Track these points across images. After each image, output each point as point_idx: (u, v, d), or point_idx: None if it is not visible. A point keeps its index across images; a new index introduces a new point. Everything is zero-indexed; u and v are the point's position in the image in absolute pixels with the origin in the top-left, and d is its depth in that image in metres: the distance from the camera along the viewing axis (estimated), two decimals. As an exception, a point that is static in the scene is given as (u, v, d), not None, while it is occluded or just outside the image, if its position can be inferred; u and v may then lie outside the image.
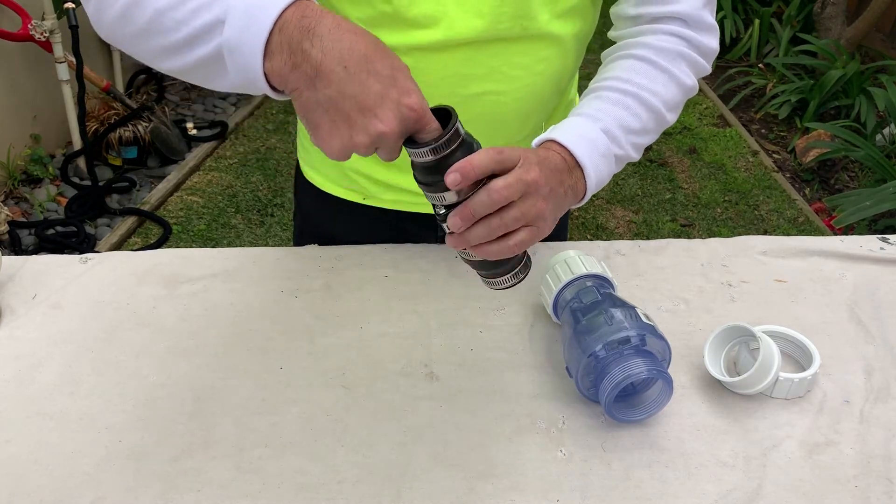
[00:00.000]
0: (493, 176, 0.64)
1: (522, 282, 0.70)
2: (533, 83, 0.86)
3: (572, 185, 0.74)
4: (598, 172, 0.76)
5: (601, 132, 0.77)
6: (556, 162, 0.72)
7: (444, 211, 0.65)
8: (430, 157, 0.61)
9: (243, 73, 0.59)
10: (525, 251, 0.69)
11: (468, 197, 0.63)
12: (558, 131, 0.77)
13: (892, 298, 0.92)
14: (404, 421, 0.75)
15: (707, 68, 0.85)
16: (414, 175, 0.64)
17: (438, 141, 0.60)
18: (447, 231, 0.66)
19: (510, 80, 0.84)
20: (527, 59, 0.84)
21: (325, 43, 0.57)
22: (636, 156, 0.82)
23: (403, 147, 0.62)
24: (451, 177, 0.61)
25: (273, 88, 0.60)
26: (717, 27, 0.84)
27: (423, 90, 0.81)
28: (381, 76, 0.58)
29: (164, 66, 0.67)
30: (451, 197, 0.63)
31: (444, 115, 0.62)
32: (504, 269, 0.69)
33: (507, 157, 0.65)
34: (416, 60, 0.80)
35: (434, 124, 0.61)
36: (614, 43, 0.87)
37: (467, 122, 0.84)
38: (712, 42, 0.84)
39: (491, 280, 0.71)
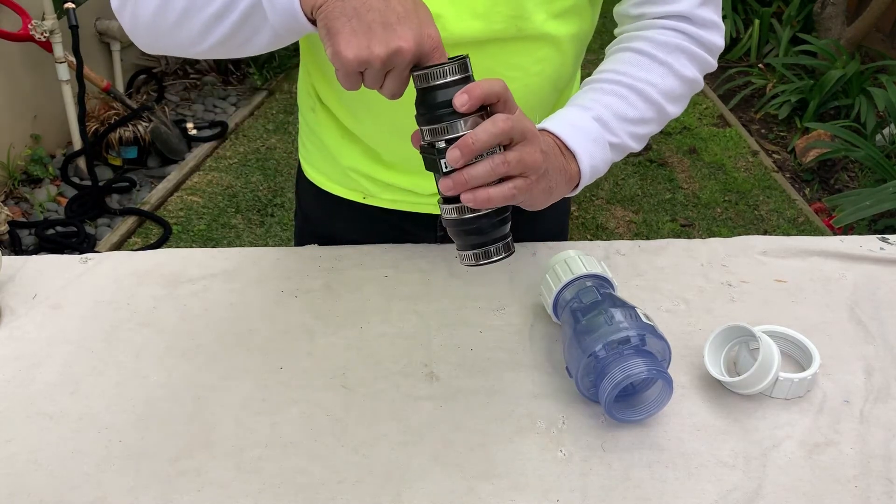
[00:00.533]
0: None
1: (506, 259, 0.68)
2: (530, 84, 0.86)
3: (565, 165, 0.75)
4: (591, 158, 0.77)
5: (592, 120, 0.78)
6: (549, 141, 0.73)
7: (443, 145, 0.64)
8: (439, 81, 0.62)
9: (281, 10, 0.64)
10: (510, 232, 0.68)
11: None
12: (548, 122, 0.78)
13: (892, 298, 0.92)
14: (404, 421, 0.75)
15: (711, 63, 0.85)
16: (418, 112, 0.64)
17: (454, 61, 0.62)
18: (444, 170, 0.64)
19: (507, 80, 0.83)
20: (523, 60, 0.84)
21: None
22: (636, 146, 0.82)
23: (413, 77, 0.63)
24: (460, 97, 0.62)
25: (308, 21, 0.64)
26: (722, 24, 0.85)
27: None
28: (406, 3, 0.61)
29: (207, 42, 0.71)
30: (451, 129, 0.63)
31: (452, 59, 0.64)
32: (491, 238, 0.67)
33: (511, 96, 0.66)
34: None
35: (446, 59, 0.63)
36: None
37: None
38: (716, 38, 0.84)
39: (476, 251, 0.67)
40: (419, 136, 0.66)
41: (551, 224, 1.08)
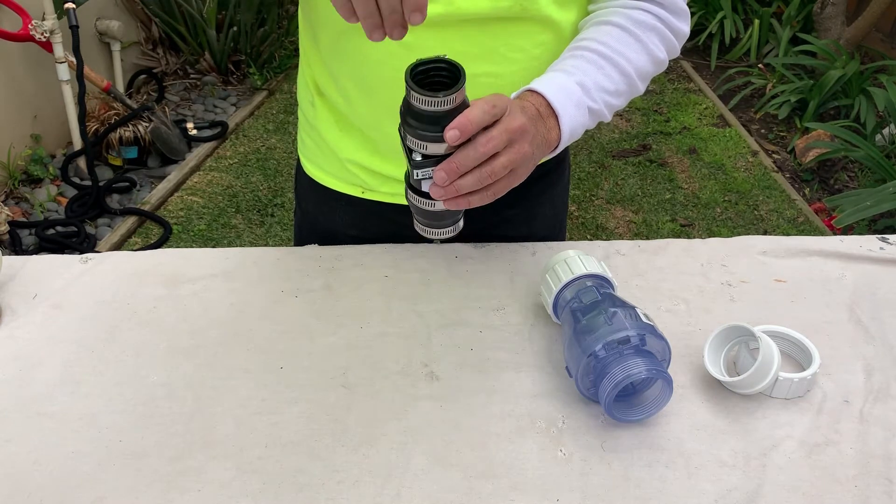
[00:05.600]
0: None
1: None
2: (530, 67, 0.87)
3: (546, 134, 0.77)
4: (571, 120, 0.79)
5: (575, 84, 0.80)
6: (531, 111, 0.75)
7: (420, 158, 0.67)
8: (432, 108, 0.63)
9: None
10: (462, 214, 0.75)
11: (450, 152, 0.66)
12: (535, 82, 0.80)
13: (892, 298, 0.92)
14: (404, 421, 0.75)
15: (677, 49, 0.89)
16: (404, 116, 0.66)
17: (451, 92, 0.63)
18: (417, 176, 0.67)
19: (508, 62, 0.86)
20: (525, 42, 0.85)
21: None
22: (608, 115, 0.85)
23: (407, 86, 0.64)
24: (451, 133, 0.64)
25: None
26: (688, 12, 0.89)
27: None
28: None
29: None
30: (434, 148, 0.66)
31: (450, 69, 0.65)
32: (452, 220, 0.74)
33: (499, 109, 0.67)
34: (416, 36, 0.82)
35: None
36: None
37: None
38: (684, 26, 0.88)
39: (434, 230, 0.75)
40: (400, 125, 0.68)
41: (548, 222, 1.09)
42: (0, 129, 2.87)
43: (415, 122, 0.65)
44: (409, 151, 0.68)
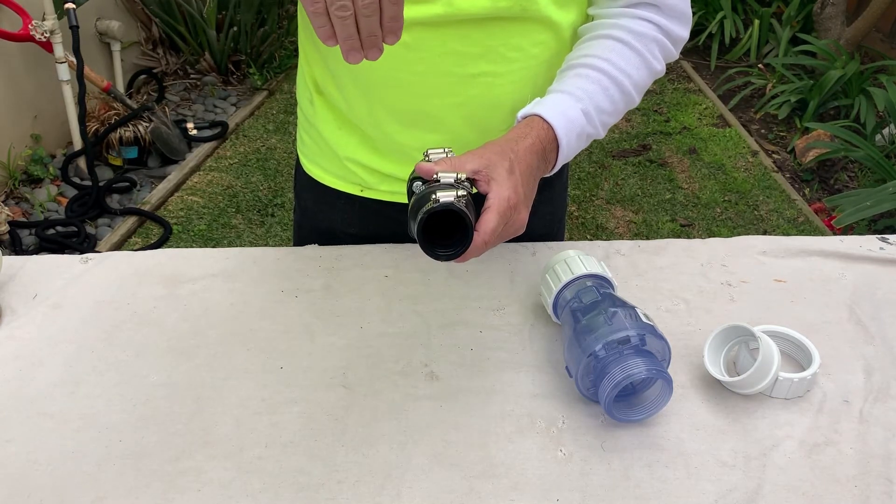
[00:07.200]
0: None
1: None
2: (528, 66, 0.87)
3: (544, 169, 0.79)
4: (569, 150, 0.81)
5: (581, 112, 0.81)
6: (532, 156, 0.76)
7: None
8: (440, 258, 0.69)
9: None
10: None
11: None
12: (543, 107, 0.81)
13: (892, 298, 0.92)
14: (404, 421, 0.75)
15: (675, 55, 0.89)
16: (411, 230, 0.69)
17: (456, 251, 0.68)
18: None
19: (507, 61, 0.86)
20: (524, 42, 0.86)
21: None
22: (603, 134, 0.87)
23: (419, 240, 0.67)
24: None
25: None
26: (690, 14, 0.88)
27: (421, 67, 0.85)
28: None
29: None
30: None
31: (454, 217, 0.67)
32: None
33: (496, 171, 0.71)
34: (414, 36, 0.82)
35: None
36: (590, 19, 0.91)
37: (463, 104, 0.89)
38: (683, 31, 0.88)
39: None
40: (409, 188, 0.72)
41: (546, 221, 1.09)
42: (0, 129, 2.87)
43: (422, 243, 0.68)
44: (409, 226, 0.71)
